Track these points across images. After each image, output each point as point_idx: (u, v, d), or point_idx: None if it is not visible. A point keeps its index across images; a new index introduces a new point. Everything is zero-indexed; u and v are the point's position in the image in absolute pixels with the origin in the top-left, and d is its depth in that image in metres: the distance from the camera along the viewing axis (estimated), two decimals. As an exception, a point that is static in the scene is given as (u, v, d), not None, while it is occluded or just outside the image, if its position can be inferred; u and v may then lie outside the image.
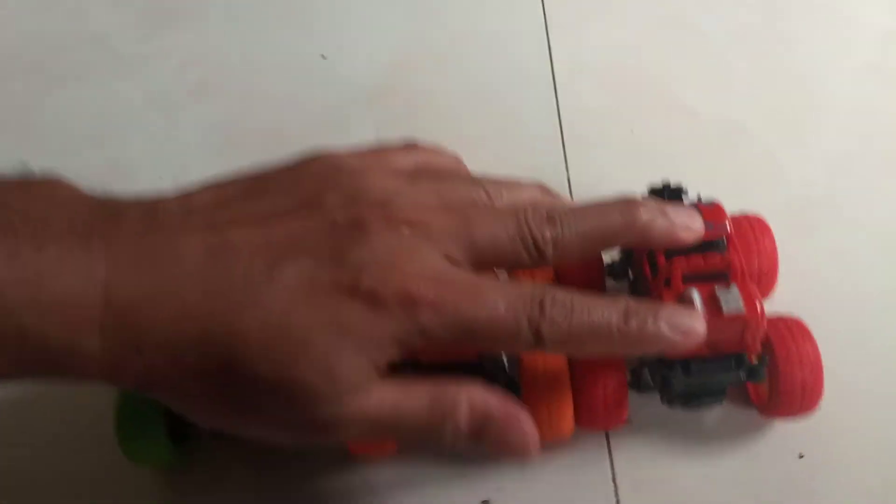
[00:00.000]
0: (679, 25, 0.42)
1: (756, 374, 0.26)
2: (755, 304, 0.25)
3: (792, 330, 0.28)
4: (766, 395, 0.28)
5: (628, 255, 0.30)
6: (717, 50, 0.41)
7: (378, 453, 0.29)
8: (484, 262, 0.23)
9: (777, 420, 0.29)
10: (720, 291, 0.25)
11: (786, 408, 0.28)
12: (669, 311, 0.23)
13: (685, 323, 0.23)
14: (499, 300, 0.22)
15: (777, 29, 0.42)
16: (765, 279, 0.30)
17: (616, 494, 0.28)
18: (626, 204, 0.24)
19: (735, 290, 0.25)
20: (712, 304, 0.25)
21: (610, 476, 0.29)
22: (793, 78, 0.40)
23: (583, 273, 0.30)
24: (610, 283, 0.30)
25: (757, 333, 0.25)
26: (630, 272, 0.30)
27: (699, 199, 0.29)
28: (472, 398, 0.23)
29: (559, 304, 0.22)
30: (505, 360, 0.26)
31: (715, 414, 0.30)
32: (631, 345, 0.23)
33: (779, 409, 0.28)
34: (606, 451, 0.29)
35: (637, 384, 0.28)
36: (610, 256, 0.31)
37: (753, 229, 0.30)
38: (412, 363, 0.24)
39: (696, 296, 0.25)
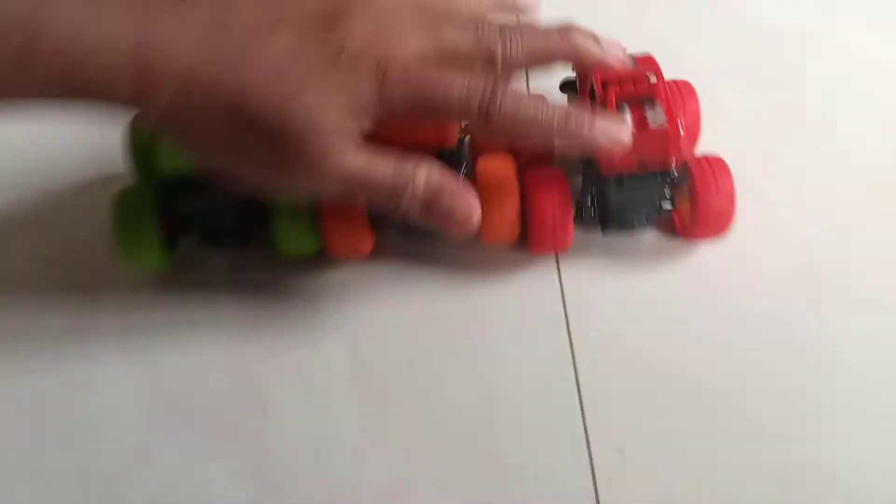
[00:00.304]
0: (666, 56, 0.38)
1: (680, 182, 0.31)
2: (676, 121, 0.30)
3: (712, 164, 0.32)
4: (695, 221, 0.33)
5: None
6: (707, 85, 0.37)
7: (352, 255, 0.33)
8: (445, 63, 0.27)
9: (696, 242, 0.34)
10: (648, 111, 0.30)
11: (703, 230, 0.33)
12: (602, 122, 0.28)
13: (613, 131, 0.28)
14: (457, 79, 0.26)
15: (771, 62, 0.40)
16: (688, 135, 0.35)
17: (564, 307, 0.33)
18: (567, 28, 0.29)
19: (660, 109, 0.30)
20: (641, 122, 0.30)
21: (559, 291, 0.33)
22: (791, 119, 0.37)
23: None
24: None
25: (678, 144, 0.30)
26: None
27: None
28: (430, 171, 0.27)
29: (510, 96, 0.27)
30: (463, 170, 0.31)
31: (646, 241, 0.34)
32: (567, 138, 0.28)
33: (698, 232, 0.33)
34: (556, 272, 0.34)
35: (580, 215, 0.33)
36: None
37: (681, 90, 0.35)
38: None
39: (627, 114, 0.30)
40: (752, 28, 0.42)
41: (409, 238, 0.34)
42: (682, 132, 0.30)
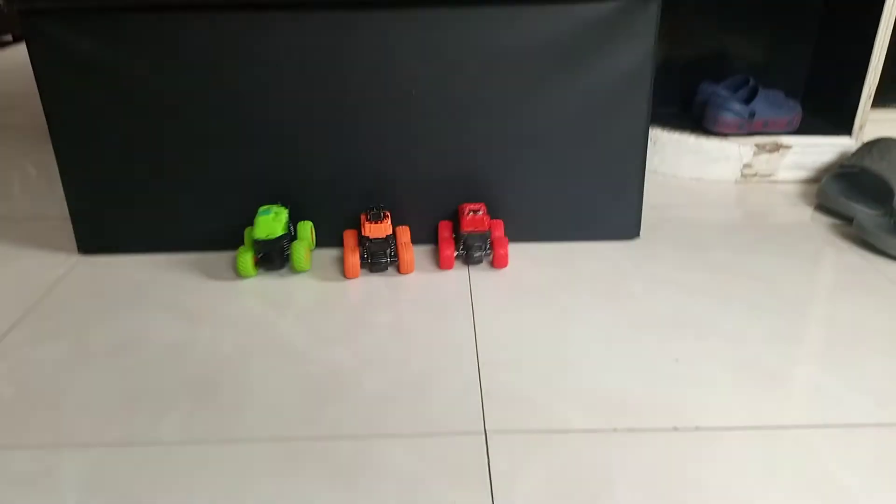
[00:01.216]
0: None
1: (488, 238, 0.93)
2: (488, 219, 0.94)
3: (502, 237, 0.95)
4: (493, 259, 0.95)
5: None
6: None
7: (351, 275, 0.92)
8: None
9: (496, 268, 0.95)
10: (479, 212, 0.93)
11: (497, 263, 0.95)
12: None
13: None
14: None
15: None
16: (491, 225, 0.98)
17: (469, 289, 0.91)
18: None
19: (482, 212, 0.94)
20: (475, 213, 0.93)
21: (468, 286, 0.92)
22: None
23: (446, 228, 0.97)
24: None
25: (486, 224, 0.93)
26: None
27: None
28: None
29: None
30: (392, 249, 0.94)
31: (484, 267, 0.95)
32: None
33: (495, 264, 0.95)
34: (467, 275, 0.93)
35: (460, 253, 0.94)
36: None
37: (495, 222, 0.99)
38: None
39: (471, 213, 0.93)
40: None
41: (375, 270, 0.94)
42: (487, 221, 0.93)
